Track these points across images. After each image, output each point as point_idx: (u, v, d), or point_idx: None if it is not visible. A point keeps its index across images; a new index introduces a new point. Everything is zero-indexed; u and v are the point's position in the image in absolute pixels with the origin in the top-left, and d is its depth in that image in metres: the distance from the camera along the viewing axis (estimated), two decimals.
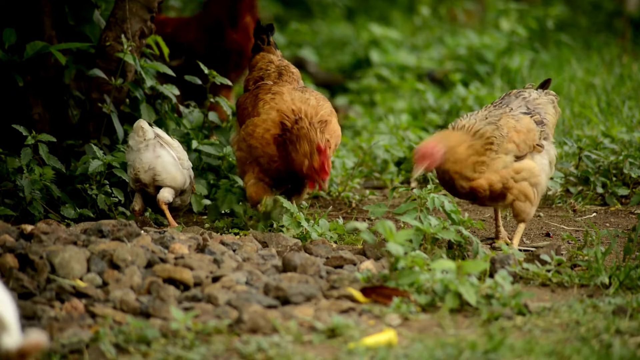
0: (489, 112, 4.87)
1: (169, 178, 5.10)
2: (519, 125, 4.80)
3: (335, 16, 13.53)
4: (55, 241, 4.29)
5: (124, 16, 5.65)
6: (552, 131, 4.96)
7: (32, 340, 2.96)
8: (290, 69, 5.44)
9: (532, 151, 4.82)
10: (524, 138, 4.79)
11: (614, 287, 4.21)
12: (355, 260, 4.50)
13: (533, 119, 4.86)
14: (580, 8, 13.39)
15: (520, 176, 4.78)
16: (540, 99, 4.98)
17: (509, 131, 4.78)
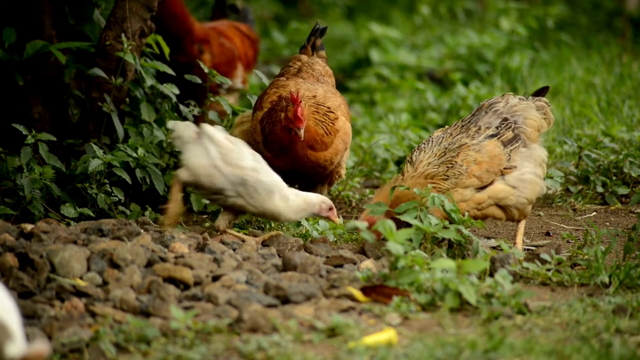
0: (449, 143, 4.79)
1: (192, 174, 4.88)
2: (480, 155, 4.73)
3: (335, 15, 13.53)
4: (55, 240, 4.29)
5: (124, 15, 5.65)
6: (535, 135, 4.85)
7: (35, 350, 2.97)
8: (314, 66, 5.51)
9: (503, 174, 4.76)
10: (487, 167, 4.73)
11: (614, 286, 4.21)
12: (355, 260, 4.50)
13: (501, 139, 4.79)
14: (580, 7, 13.39)
15: (485, 204, 4.75)
16: (520, 104, 4.89)
17: (468, 166, 4.72)
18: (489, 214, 4.77)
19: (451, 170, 4.72)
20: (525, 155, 4.81)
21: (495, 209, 4.77)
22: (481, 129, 4.82)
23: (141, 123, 5.80)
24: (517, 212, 4.78)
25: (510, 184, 4.77)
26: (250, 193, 4.72)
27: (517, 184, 4.77)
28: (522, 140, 4.82)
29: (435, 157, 4.76)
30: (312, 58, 5.59)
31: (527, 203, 4.78)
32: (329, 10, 13.63)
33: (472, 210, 4.73)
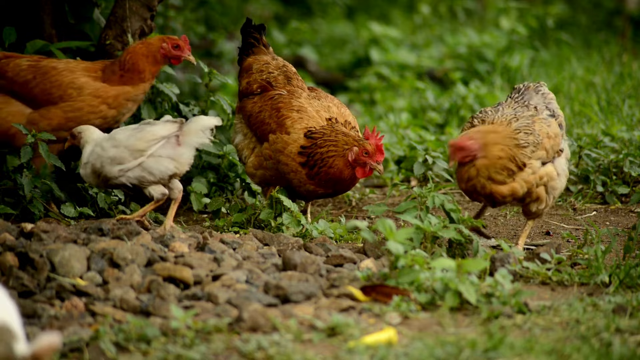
0: (516, 110, 4.73)
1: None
2: (550, 130, 4.69)
3: (335, 14, 13.53)
4: (55, 240, 4.29)
5: (124, 15, 5.65)
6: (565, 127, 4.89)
7: (45, 343, 2.97)
8: (290, 69, 5.39)
9: (556, 156, 4.75)
10: (553, 144, 4.70)
11: (614, 285, 4.21)
12: (355, 259, 4.50)
13: (557, 122, 4.77)
14: (580, 6, 13.39)
15: (541, 182, 4.70)
16: (551, 94, 4.89)
17: (543, 138, 4.66)
18: (538, 193, 4.70)
19: (531, 136, 4.63)
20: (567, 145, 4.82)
21: (543, 190, 4.71)
22: (538, 107, 4.78)
23: None
24: (551, 201, 4.73)
25: (557, 170, 4.76)
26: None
27: (560, 172, 4.76)
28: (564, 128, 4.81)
29: (514, 119, 4.66)
30: (277, 58, 5.40)
31: (558, 194, 4.76)
32: (329, 10, 13.62)
33: (533, 187, 4.64)
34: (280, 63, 5.39)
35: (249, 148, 5.26)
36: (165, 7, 8.99)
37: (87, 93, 5.23)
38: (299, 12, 13.51)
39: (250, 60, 5.39)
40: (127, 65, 5.22)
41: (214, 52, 10.31)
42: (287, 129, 5.12)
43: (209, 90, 5.97)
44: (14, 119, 5.19)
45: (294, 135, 5.10)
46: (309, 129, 5.10)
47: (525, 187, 4.63)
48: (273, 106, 5.19)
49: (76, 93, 5.21)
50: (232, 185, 5.89)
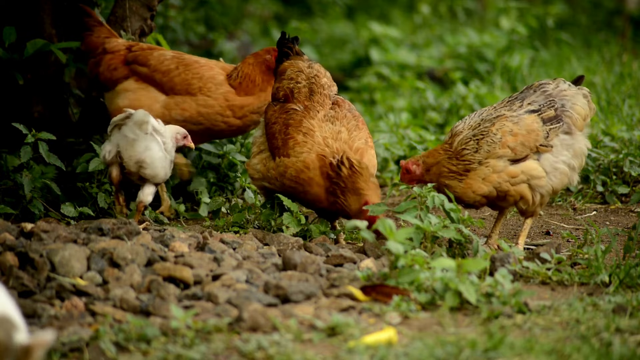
0: (484, 115, 4.84)
1: (153, 173, 4.96)
2: (517, 127, 4.73)
3: (335, 14, 13.53)
4: (55, 239, 4.29)
5: (124, 15, 5.65)
6: (582, 123, 4.84)
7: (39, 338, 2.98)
8: (320, 80, 5.18)
9: (537, 152, 4.78)
10: (522, 140, 4.74)
11: (614, 285, 4.21)
12: (355, 259, 4.50)
13: (542, 116, 4.79)
14: (580, 6, 13.39)
15: (518, 179, 4.74)
16: (569, 90, 4.89)
17: (502, 136, 4.73)
18: (520, 191, 4.73)
19: (483, 139, 4.74)
20: (567, 144, 4.80)
21: (526, 188, 4.74)
22: (524, 104, 4.83)
23: None
24: (539, 200, 4.75)
25: (544, 167, 4.76)
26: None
27: (550, 169, 4.76)
28: (564, 124, 4.79)
29: (470, 129, 4.80)
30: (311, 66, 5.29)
31: (551, 192, 4.76)
32: (329, 10, 13.62)
33: (505, 184, 4.70)
34: (313, 72, 5.23)
35: (259, 148, 5.22)
36: (166, 6, 8.99)
37: (220, 92, 5.43)
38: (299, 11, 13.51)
39: (286, 64, 5.30)
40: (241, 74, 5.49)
41: (214, 52, 10.31)
42: (288, 150, 5.00)
43: None
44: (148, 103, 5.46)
45: (292, 159, 4.97)
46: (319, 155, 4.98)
47: (490, 186, 4.70)
48: (285, 121, 5.08)
49: (214, 88, 5.44)
50: (232, 185, 5.89)
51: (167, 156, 4.98)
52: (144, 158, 4.93)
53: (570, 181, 4.82)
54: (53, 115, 5.76)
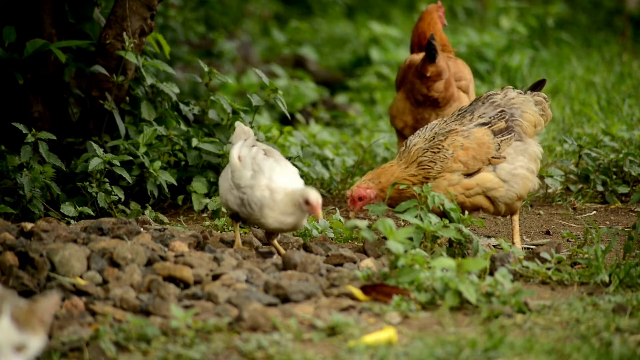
0: (440, 127, 4.85)
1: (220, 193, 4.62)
2: (467, 141, 4.76)
3: (335, 14, 13.53)
4: (55, 239, 4.29)
5: (124, 14, 5.65)
6: (532, 130, 4.84)
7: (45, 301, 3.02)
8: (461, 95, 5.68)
9: (490, 164, 4.77)
10: (474, 154, 4.76)
11: (614, 285, 4.21)
12: (355, 258, 4.50)
13: (492, 129, 4.80)
14: (580, 6, 13.39)
15: (473, 191, 4.76)
16: (518, 98, 4.88)
17: (454, 151, 4.76)
18: (476, 203, 4.77)
19: (437, 154, 4.77)
20: (520, 150, 4.81)
21: (483, 199, 4.77)
22: (474, 117, 4.84)
23: (141, 121, 5.80)
24: (504, 207, 4.78)
25: (501, 177, 4.77)
26: (249, 211, 4.44)
27: (508, 177, 4.78)
28: (516, 133, 4.81)
29: (426, 142, 4.81)
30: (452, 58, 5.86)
31: (516, 198, 4.78)
32: (329, 9, 13.62)
33: (460, 196, 4.74)
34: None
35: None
36: (165, 6, 8.99)
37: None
38: (299, 11, 13.51)
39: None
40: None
41: (214, 52, 10.31)
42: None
43: (209, 89, 5.97)
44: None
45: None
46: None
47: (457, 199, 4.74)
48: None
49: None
50: None
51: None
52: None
53: (533, 185, 4.83)
54: (53, 115, 5.76)
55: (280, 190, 4.38)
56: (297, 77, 10.45)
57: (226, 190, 4.49)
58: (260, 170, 4.42)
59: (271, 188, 4.39)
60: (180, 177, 5.79)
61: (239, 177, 4.44)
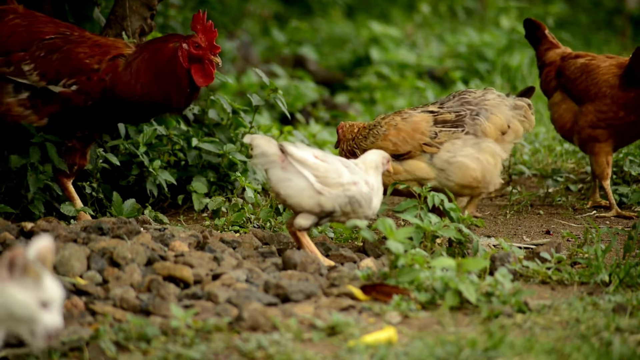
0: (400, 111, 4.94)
1: (295, 203, 4.40)
2: (403, 123, 4.79)
3: (335, 14, 13.53)
4: (55, 239, 4.29)
5: (124, 14, 5.65)
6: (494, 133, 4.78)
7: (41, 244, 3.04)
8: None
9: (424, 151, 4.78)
10: (405, 136, 4.78)
11: (614, 284, 4.21)
12: (355, 258, 4.50)
13: (436, 117, 4.79)
14: (580, 6, 13.39)
15: (401, 176, 4.79)
16: (494, 100, 4.85)
17: (387, 129, 4.79)
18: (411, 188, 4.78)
19: (372, 130, 4.86)
20: (471, 143, 4.78)
21: (417, 186, 4.78)
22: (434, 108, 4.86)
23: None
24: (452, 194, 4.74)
25: (436, 165, 4.76)
26: (354, 208, 4.39)
27: (444, 166, 4.76)
28: (468, 129, 4.77)
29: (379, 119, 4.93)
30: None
31: (457, 188, 4.75)
32: (329, 9, 13.63)
33: (387, 178, 4.73)
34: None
35: None
36: (166, 6, 8.98)
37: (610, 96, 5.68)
38: (299, 11, 13.51)
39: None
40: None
41: None
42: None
43: (208, 89, 5.97)
44: (566, 115, 5.79)
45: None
46: None
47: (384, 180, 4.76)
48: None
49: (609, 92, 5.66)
50: (232, 185, 5.89)
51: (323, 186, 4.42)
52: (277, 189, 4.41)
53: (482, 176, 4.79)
54: None
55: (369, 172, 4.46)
56: (297, 77, 10.46)
57: (312, 196, 4.35)
58: (350, 166, 4.42)
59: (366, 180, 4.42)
60: (180, 177, 5.79)
61: (338, 175, 4.36)
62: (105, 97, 4.84)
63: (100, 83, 4.84)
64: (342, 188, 4.35)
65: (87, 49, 4.89)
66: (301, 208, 4.38)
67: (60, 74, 4.84)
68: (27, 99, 4.89)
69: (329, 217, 4.42)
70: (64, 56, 4.86)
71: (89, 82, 4.84)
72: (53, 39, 4.92)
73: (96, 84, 4.84)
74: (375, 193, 4.44)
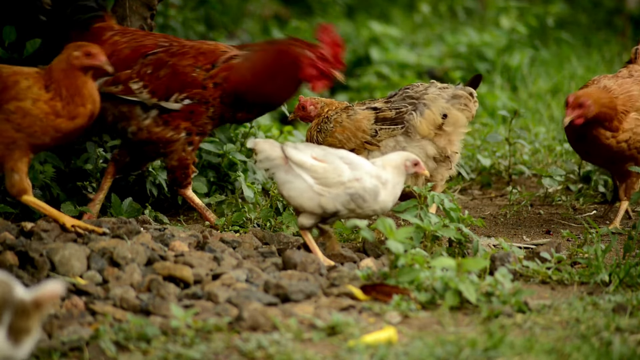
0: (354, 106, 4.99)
1: (297, 205, 4.42)
2: (348, 121, 4.86)
3: (335, 14, 13.52)
4: (55, 239, 4.29)
5: (124, 14, 5.64)
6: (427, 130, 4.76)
7: (47, 289, 3.00)
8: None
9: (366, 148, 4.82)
10: (349, 134, 4.85)
11: (614, 284, 4.21)
12: (355, 258, 4.50)
13: (378, 115, 4.83)
14: (580, 5, 13.38)
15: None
16: (433, 94, 4.81)
17: (334, 125, 4.88)
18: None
19: (324, 124, 4.95)
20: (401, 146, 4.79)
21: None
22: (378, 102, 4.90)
23: None
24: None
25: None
26: (359, 204, 4.39)
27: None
28: (405, 127, 4.79)
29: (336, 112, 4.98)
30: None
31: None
32: (329, 9, 13.62)
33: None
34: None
35: None
36: (166, 6, 8.98)
37: None
38: (299, 11, 13.51)
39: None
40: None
41: None
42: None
43: None
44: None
45: None
46: None
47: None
48: None
49: None
50: (232, 185, 5.89)
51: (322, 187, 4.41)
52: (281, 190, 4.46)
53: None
54: None
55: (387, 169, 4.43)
56: None
57: (312, 197, 4.37)
58: (352, 162, 4.41)
59: (374, 173, 4.40)
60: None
61: (338, 175, 4.36)
62: (222, 99, 4.87)
63: (217, 88, 4.87)
64: (344, 187, 4.35)
65: (191, 59, 4.91)
66: (303, 209, 4.41)
67: (171, 89, 4.85)
68: (158, 116, 4.90)
69: (334, 216, 4.43)
70: (171, 71, 4.87)
71: (205, 91, 4.87)
72: (157, 54, 4.92)
73: (213, 90, 4.87)
74: (388, 189, 4.41)
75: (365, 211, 4.41)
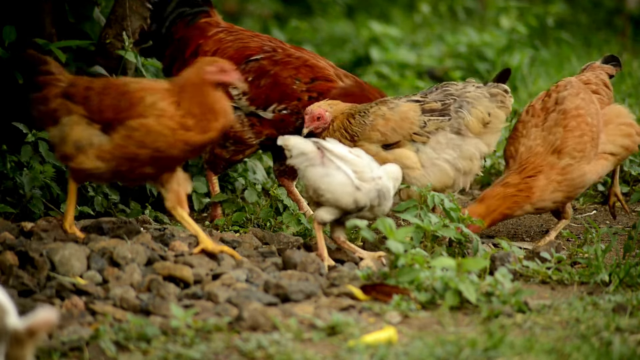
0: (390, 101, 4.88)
1: (332, 199, 4.36)
2: (390, 112, 4.76)
3: (335, 13, 13.52)
4: (55, 238, 4.29)
5: (124, 14, 5.64)
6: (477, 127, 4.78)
7: (41, 317, 2.98)
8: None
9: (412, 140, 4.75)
10: (394, 126, 4.74)
11: (614, 284, 4.21)
12: (355, 258, 4.50)
13: (423, 106, 4.77)
14: (580, 5, 13.38)
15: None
16: (474, 92, 4.81)
17: (374, 118, 4.76)
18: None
19: (361, 118, 4.77)
20: (454, 143, 4.76)
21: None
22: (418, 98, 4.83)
23: None
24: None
25: (421, 160, 4.73)
26: (381, 202, 4.40)
27: (427, 164, 4.73)
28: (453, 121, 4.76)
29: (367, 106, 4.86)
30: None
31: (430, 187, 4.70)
32: (329, 9, 13.62)
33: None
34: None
35: None
36: None
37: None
38: (299, 10, 13.50)
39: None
40: None
41: None
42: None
43: None
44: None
45: None
46: None
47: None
48: None
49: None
50: (232, 185, 5.89)
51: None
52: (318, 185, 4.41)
53: (453, 183, 4.80)
54: None
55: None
56: None
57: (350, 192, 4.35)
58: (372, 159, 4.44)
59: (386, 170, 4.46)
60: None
61: (370, 170, 4.38)
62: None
63: (310, 101, 4.90)
64: (374, 182, 4.37)
65: (293, 70, 4.91)
66: (336, 203, 4.36)
67: (270, 99, 4.85)
68: (246, 117, 4.90)
69: (356, 213, 4.41)
70: (272, 82, 4.87)
71: (300, 102, 4.88)
72: (259, 61, 4.90)
73: (307, 103, 4.90)
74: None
75: (382, 209, 4.41)
